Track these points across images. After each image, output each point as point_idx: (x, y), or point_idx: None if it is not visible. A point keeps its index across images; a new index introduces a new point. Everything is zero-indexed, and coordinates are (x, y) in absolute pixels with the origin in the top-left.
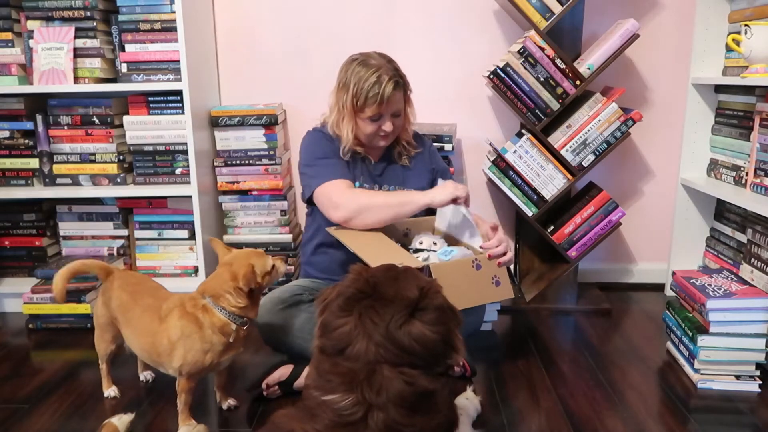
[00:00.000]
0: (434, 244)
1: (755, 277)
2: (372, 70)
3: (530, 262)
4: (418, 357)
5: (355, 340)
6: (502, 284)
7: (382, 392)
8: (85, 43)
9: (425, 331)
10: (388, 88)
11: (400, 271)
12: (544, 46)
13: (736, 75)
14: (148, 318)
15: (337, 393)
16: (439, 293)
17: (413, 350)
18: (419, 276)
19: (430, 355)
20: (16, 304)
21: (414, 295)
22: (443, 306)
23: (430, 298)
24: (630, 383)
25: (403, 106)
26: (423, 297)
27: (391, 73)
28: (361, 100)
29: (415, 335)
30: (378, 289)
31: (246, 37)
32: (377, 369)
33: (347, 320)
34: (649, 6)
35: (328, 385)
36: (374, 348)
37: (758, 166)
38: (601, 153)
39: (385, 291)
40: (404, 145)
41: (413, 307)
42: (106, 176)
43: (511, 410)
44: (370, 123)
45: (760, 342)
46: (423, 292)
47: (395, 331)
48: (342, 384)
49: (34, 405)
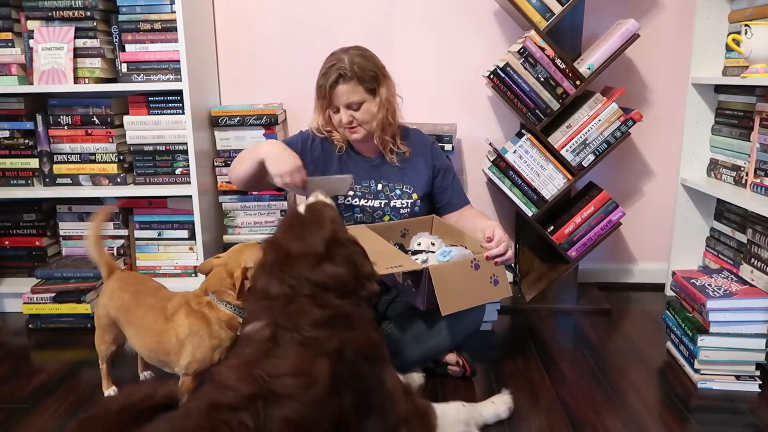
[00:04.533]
0: (432, 244)
1: (755, 277)
2: (327, 63)
3: (530, 262)
4: (332, 289)
5: (273, 285)
6: (500, 283)
7: (292, 315)
8: (85, 43)
9: (337, 270)
10: (330, 81)
11: (305, 226)
12: (544, 46)
13: (736, 75)
14: (152, 318)
15: (254, 323)
16: (342, 241)
17: (326, 285)
18: (323, 225)
19: (345, 286)
20: (16, 304)
21: (321, 249)
22: (349, 252)
23: (336, 247)
24: (630, 383)
25: (358, 99)
26: (330, 249)
27: (342, 65)
28: (317, 92)
29: (328, 273)
30: (289, 252)
31: (246, 37)
32: (293, 300)
33: (265, 277)
34: (649, 6)
35: (249, 319)
36: (289, 289)
37: (758, 166)
38: (601, 153)
39: (295, 251)
40: (390, 142)
41: (321, 258)
42: (106, 176)
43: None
44: (333, 115)
45: (760, 342)
46: (328, 245)
47: (308, 274)
48: (259, 316)
49: (34, 405)
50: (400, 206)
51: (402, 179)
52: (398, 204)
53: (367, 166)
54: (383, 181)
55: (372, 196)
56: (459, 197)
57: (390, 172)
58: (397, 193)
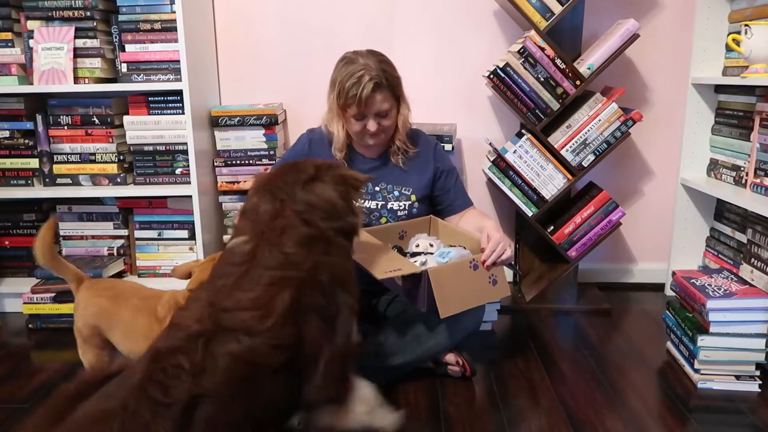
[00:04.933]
0: (431, 246)
1: (755, 277)
2: (354, 71)
3: (530, 262)
4: (319, 210)
5: (264, 202)
6: (499, 283)
7: (277, 229)
8: (85, 43)
9: (326, 189)
10: (366, 89)
11: (298, 162)
12: (544, 46)
13: (736, 75)
14: (143, 319)
15: (237, 238)
16: (336, 167)
17: (315, 204)
18: (315, 161)
19: (332, 209)
20: (16, 304)
21: (312, 171)
22: (342, 174)
23: (328, 170)
24: (630, 383)
25: (388, 107)
26: (320, 171)
27: (373, 73)
28: (343, 99)
29: (317, 192)
30: (282, 177)
31: (246, 37)
32: (281, 215)
33: (258, 196)
34: (649, 6)
35: (235, 234)
36: (279, 204)
37: (758, 166)
38: (601, 153)
39: (287, 175)
40: (398, 146)
41: (313, 177)
42: (106, 176)
43: (511, 410)
44: (356, 122)
45: (760, 342)
46: (319, 168)
47: (299, 191)
48: (245, 230)
49: (34, 405)
50: (398, 208)
51: (401, 181)
52: (395, 206)
53: (368, 167)
54: (382, 183)
55: (369, 197)
56: (461, 199)
57: (390, 174)
58: (395, 195)
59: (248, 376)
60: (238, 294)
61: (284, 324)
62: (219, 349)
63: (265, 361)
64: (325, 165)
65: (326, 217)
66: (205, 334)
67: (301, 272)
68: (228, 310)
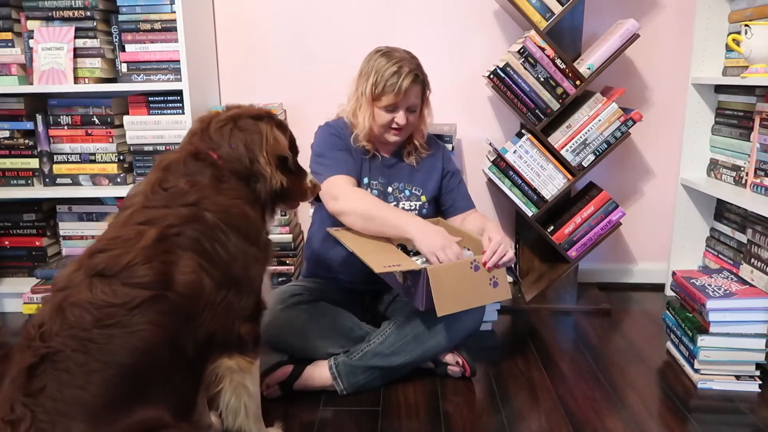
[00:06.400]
0: None
1: (755, 277)
2: (394, 61)
3: (530, 262)
4: (224, 149)
5: (182, 147)
6: (499, 285)
7: (177, 163)
8: (85, 43)
9: (240, 133)
10: (407, 80)
11: (262, 108)
12: (544, 46)
13: (736, 75)
14: None
15: (138, 183)
16: (277, 123)
17: (217, 141)
18: (271, 111)
19: (235, 151)
20: (16, 304)
21: (230, 114)
22: (249, 124)
23: (244, 117)
24: (630, 383)
25: (419, 102)
26: (237, 118)
27: (412, 66)
28: (380, 88)
29: (224, 132)
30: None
31: (246, 36)
32: (189, 152)
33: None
34: (649, 6)
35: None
36: (188, 144)
37: (758, 166)
38: (601, 153)
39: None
40: (415, 145)
41: (230, 121)
42: (106, 176)
43: (511, 410)
44: (385, 113)
45: (760, 342)
46: (237, 115)
47: (211, 131)
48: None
49: None
50: (409, 208)
51: (413, 180)
52: (406, 206)
53: (382, 165)
54: (395, 182)
55: (382, 197)
56: (464, 200)
57: (402, 173)
58: (407, 195)
59: (102, 322)
60: (107, 240)
61: (144, 262)
62: (70, 300)
63: (122, 301)
64: (268, 115)
65: (227, 158)
66: (65, 289)
67: (180, 208)
68: (93, 255)
